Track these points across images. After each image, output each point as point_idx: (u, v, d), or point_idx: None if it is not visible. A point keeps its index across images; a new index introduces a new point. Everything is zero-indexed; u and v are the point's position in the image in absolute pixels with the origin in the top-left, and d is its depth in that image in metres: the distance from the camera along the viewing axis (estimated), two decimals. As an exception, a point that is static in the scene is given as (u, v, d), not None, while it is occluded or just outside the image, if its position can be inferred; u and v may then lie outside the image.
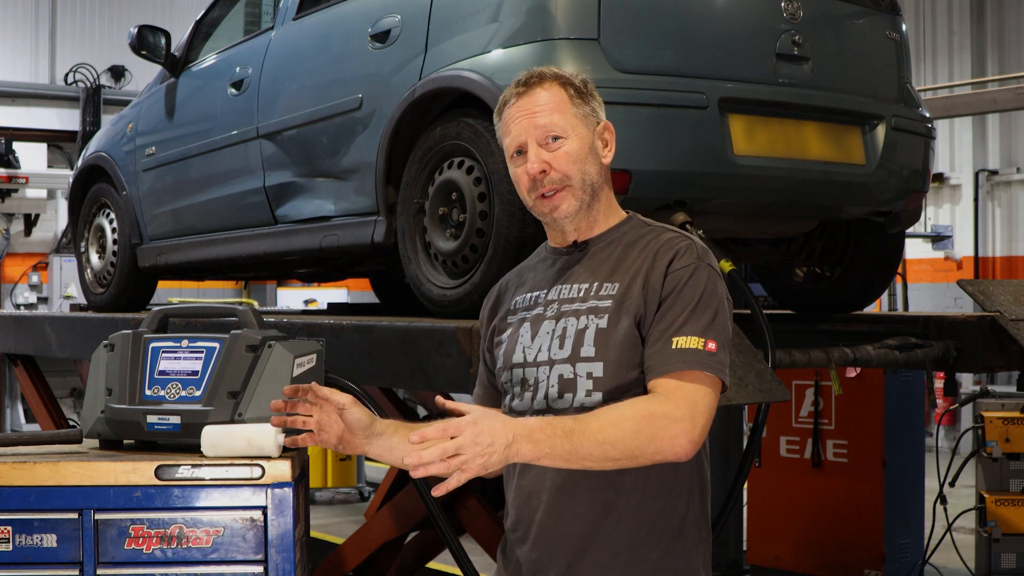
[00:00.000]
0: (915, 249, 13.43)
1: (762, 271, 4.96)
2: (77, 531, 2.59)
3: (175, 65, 5.39)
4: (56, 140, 14.38)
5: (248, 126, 4.74)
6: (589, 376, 2.12)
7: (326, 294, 13.39)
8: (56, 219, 14.45)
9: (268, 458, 2.64)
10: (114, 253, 5.65)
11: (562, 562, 2.14)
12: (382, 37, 4.07)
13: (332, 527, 8.14)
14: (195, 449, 2.68)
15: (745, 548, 6.49)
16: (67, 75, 14.46)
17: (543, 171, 2.17)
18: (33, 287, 14.12)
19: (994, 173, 13.34)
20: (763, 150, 3.71)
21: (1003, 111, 12.05)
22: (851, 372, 5.45)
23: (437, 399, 2.01)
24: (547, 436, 1.93)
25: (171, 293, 12.59)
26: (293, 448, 2.68)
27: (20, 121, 14.13)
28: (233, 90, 4.87)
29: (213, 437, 2.66)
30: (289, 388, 2.22)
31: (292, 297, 14.41)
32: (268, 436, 2.63)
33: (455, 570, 3.55)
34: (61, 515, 2.60)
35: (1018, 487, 6.25)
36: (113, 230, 5.67)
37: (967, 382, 10.66)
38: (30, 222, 14.31)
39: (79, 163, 6.18)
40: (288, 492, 2.63)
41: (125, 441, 2.89)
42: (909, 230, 6.15)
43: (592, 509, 2.12)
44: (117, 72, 14.69)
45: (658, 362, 2.06)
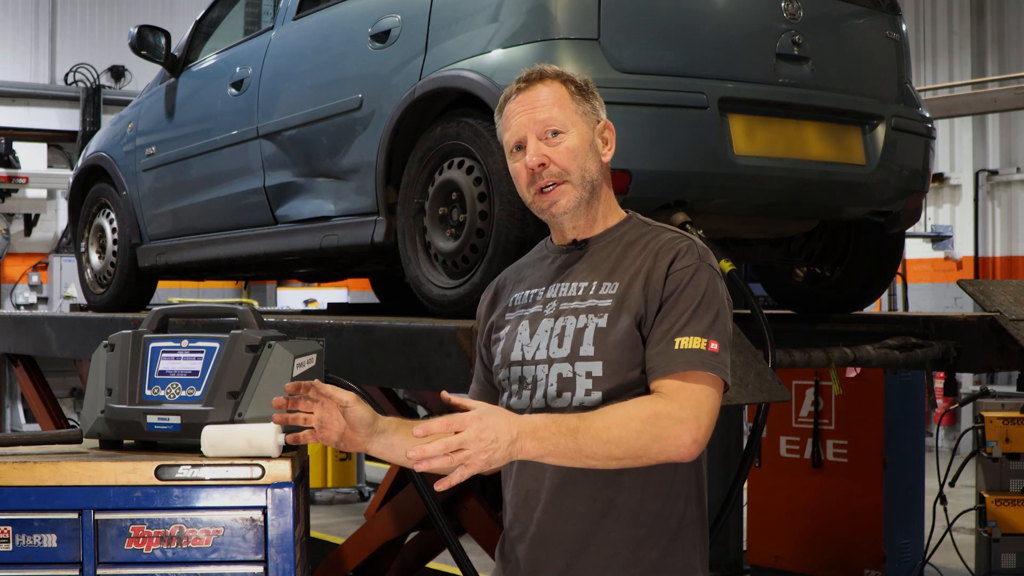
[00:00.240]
0: (915, 249, 13.43)
1: (762, 271, 4.96)
2: (77, 531, 2.59)
3: (175, 65, 5.39)
4: (56, 140, 14.38)
5: (248, 126, 4.74)
6: (588, 375, 2.12)
7: (326, 294, 13.39)
8: (56, 219, 14.45)
9: (268, 458, 2.64)
10: (114, 253, 5.65)
11: (560, 561, 2.14)
12: (382, 37, 4.07)
13: (332, 527, 8.14)
14: (195, 449, 2.68)
15: (745, 548, 6.49)
16: (67, 75, 14.46)
17: (542, 164, 2.17)
18: (33, 287, 14.12)
19: (994, 173, 13.34)
20: (763, 150, 3.71)
21: (1003, 111, 12.05)
22: (851, 372, 5.44)
23: (443, 395, 2.02)
24: (552, 433, 1.93)
25: (171, 293, 12.59)
26: (293, 448, 2.69)
27: (20, 121, 14.14)
28: (233, 90, 4.87)
29: (213, 437, 2.66)
30: (291, 385, 2.21)
31: (292, 297, 14.41)
32: (268, 436, 2.63)
33: (455, 570, 3.55)
34: (61, 515, 2.60)
35: (1018, 487, 6.25)
36: (113, 230, 5.67)
37: (967, 382, 10.66)
38: (30, 222, 14.31)
39: (79, 163, 6.18)
40: (288, 492, 2.63)
41: (125, 441, 2.89)
42: (909, 230, 6.15)
43: (591, 508, 2.12)
44: (117, 72, 14.69)
45: (661, 363, 2.06)
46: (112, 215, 5.69)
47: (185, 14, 13.13)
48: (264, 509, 2.62)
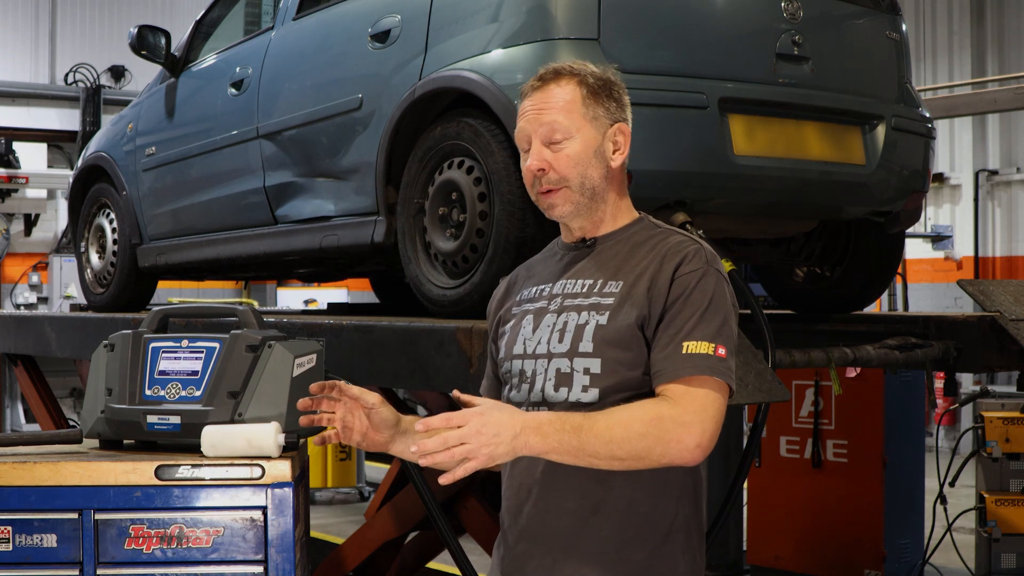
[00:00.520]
0: (915, 249, 13.43)
1: (762, 271, 4.95)
2: (77, 531, 2.59)
3: (175, 65, 5.39)
4: (56, 140, 14.38)
5: (248, 126, 4.74)
6: (586, 372, 2.12)
7: (326, 294, 13.39)
8: (56, 219, 14.45)
9: (268, 458, 2.64)
10: (114, 253, 5.65)
11: (547, 558, 2.14)
12: (382, 37, 4.07)
13: (332, 527, 8.14)
14: (195, 449, 2.68)
15: (745, 548, 6.48)
16: (67, 75, 14.46)
17: (542, 169, 2.18)
18: (33, 287, 14.12)
19: (994, 173, 13.34)
20: (763, 150, 3.70)
21: (1003, 111, 12.05)
22: (851, 372, 5.44)
23: (453, 393, 2.02)
24: (556, 430, 1.94)
25: (171, 293, 12.59)
26: (293, 447, 2.69)
27: (20, 121, 14.14)
28: (233, 90, 4.87)
29: (213, 437, 2.66)
30: (316, 385, 2.22)
31: (292, 297, 14.42)
32: (268, 436, 2.63)
33: (455, 570, 3.55)
34: (61, 515, 2.60)
35: (1018, 487, 6.25)
36: (113, 230, 5.67)
37: (967, 382, 10.65)
38: (30, 222, 14.32)
39: (79, 163, 6.18)
40: (288, 492, 2.63)
41: (125, 441, 2.89)
42: (909, 230, 6.14)
43: (581, 505, 2.12)
44: (117, 72, 14.69)
45: (668, 367, 2.06)
46: (112, 215, 5.69)
47: (185, 14, 13.13)
48: (264, 509, 2.62)
